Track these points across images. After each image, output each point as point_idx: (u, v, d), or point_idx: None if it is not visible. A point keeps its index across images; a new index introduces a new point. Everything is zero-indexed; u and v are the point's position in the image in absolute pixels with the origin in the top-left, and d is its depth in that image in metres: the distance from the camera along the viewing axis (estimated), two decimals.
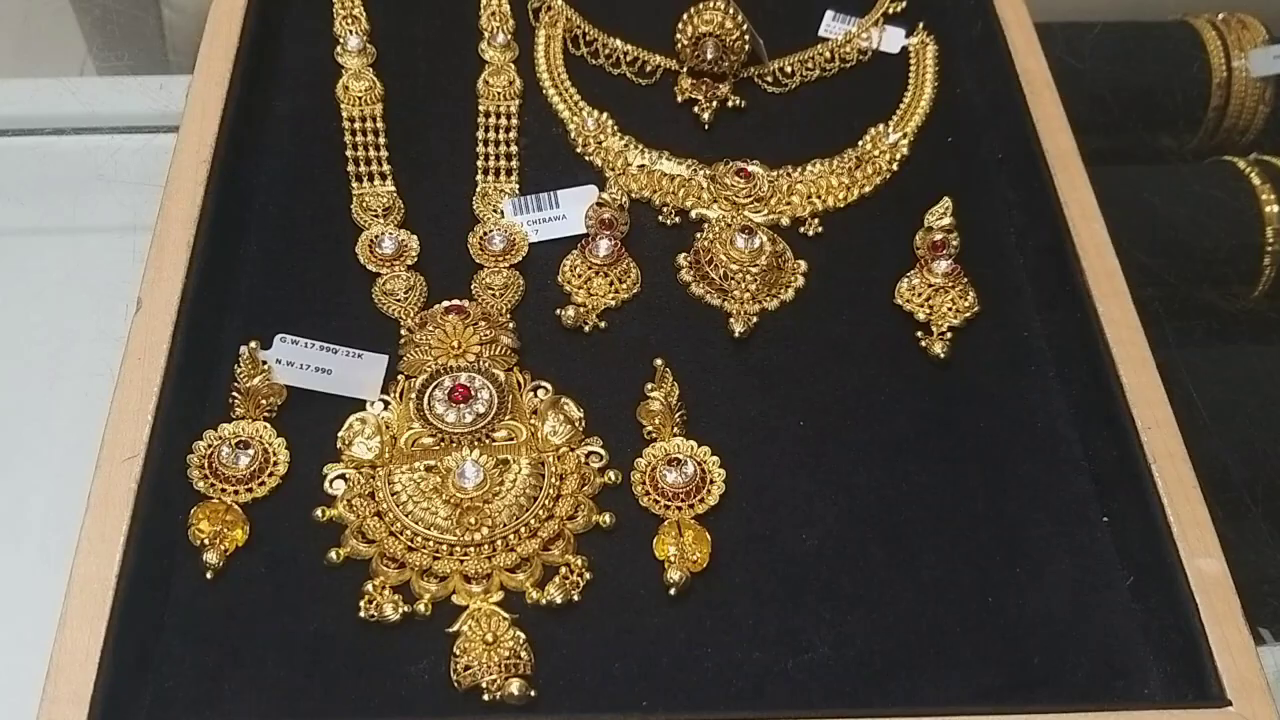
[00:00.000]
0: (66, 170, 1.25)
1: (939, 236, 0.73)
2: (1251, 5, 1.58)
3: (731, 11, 0.80)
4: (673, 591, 0.59)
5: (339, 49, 0.82)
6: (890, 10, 0.89)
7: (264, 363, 0.64)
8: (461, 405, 0.63)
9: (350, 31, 0.83)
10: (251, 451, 0.62)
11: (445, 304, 0.69)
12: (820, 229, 0.76)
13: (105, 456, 0.58)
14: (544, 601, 0.58)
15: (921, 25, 0.87)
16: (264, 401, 0.64)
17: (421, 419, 0.64)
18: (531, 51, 0.85)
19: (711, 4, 0.80)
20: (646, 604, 0.59)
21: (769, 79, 0.84)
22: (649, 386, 0.65)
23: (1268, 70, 1.19)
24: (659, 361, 0.65)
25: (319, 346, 0.65)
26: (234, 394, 0.64)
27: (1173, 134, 1.22)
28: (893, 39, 0.87)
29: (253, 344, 0.63)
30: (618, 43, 0.85)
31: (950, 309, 0.71)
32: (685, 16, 0.81)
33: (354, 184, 0.75)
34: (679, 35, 0.82)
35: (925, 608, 0.61)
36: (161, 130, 1.30)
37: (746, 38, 0.81)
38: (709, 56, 0.81)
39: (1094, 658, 0.60)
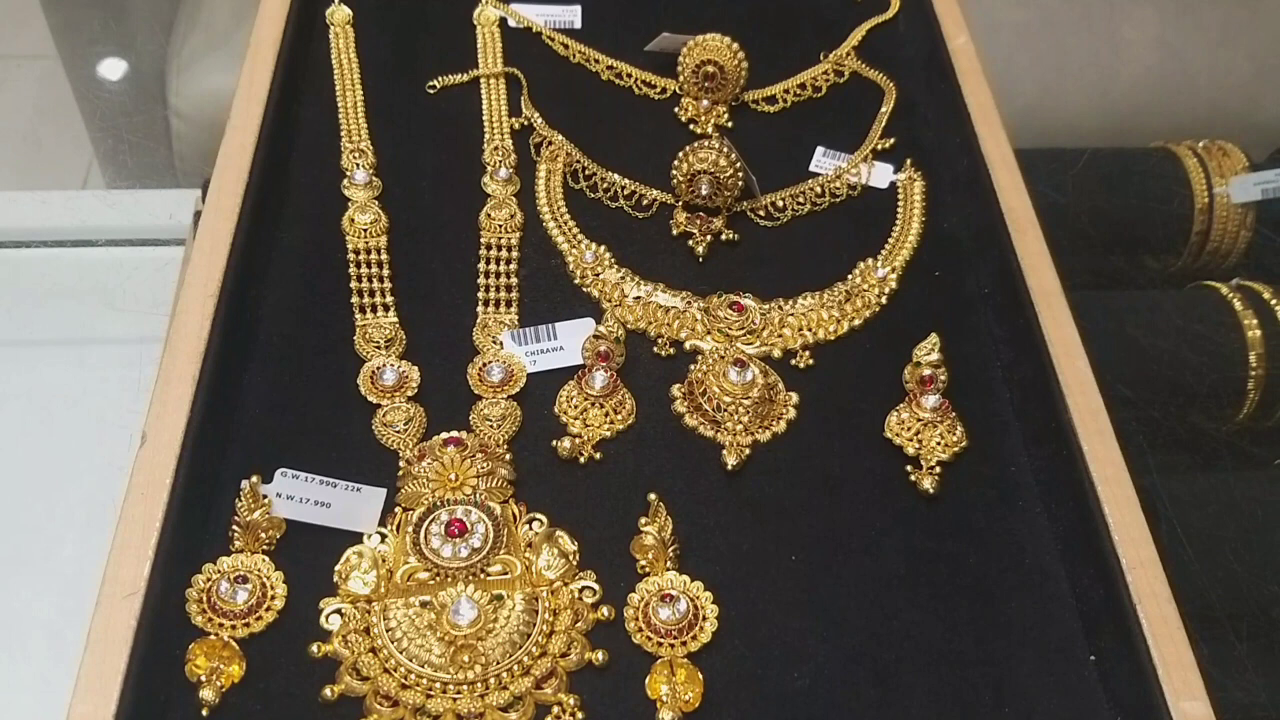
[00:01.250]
0: (72, 283, 1.28)
1: (927, 371, 0.74)
2: (1227, 134, 1.64)
3: (726, 150, 0.83)
4: None
5: (346, 182, 0.85)
6: (879, 147, 0.92)
7: (265, 497, 0.65)
8: (457, 540, 0.64)
9: (358, 165, 0.86)
10: (249, 586, 0.62)
11: (443, 436, 0.70)
12: (811, 361, 0.78)
13: (106, 594, 0.59)
14: None
15: (909, 161, 0.91)
16: (263, 535, 0.65)
17: (417, 553, 0.65)
18: (533, 184, 0.87)
19: (707, 143, 0.83)
20: None
21: (761, 213, 0.87)
22: (643, 521, 0.66)
23: (1248, 198, 1.22)
24: (653, 496, 0.67)
25: (319, 481, 0.67)
26: (234, 527, 0.65)
27: (1157, 257, 1.26)
28: (881, 174, 0.90)
29: (254, 479, 0.65)
30: (615, 177, 0.88)
31: (939, 443, 0.73)
32: (681, 154, 0.84)
33: (358, 315, 0.77)
34: (675, 171, 0.84)
35: None
36: (168, 244, 1.33)
37: (740, 175, 0.84)
38: (704, 193, 0.84)
39: None
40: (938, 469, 0.72)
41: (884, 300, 0.82)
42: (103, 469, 0.95)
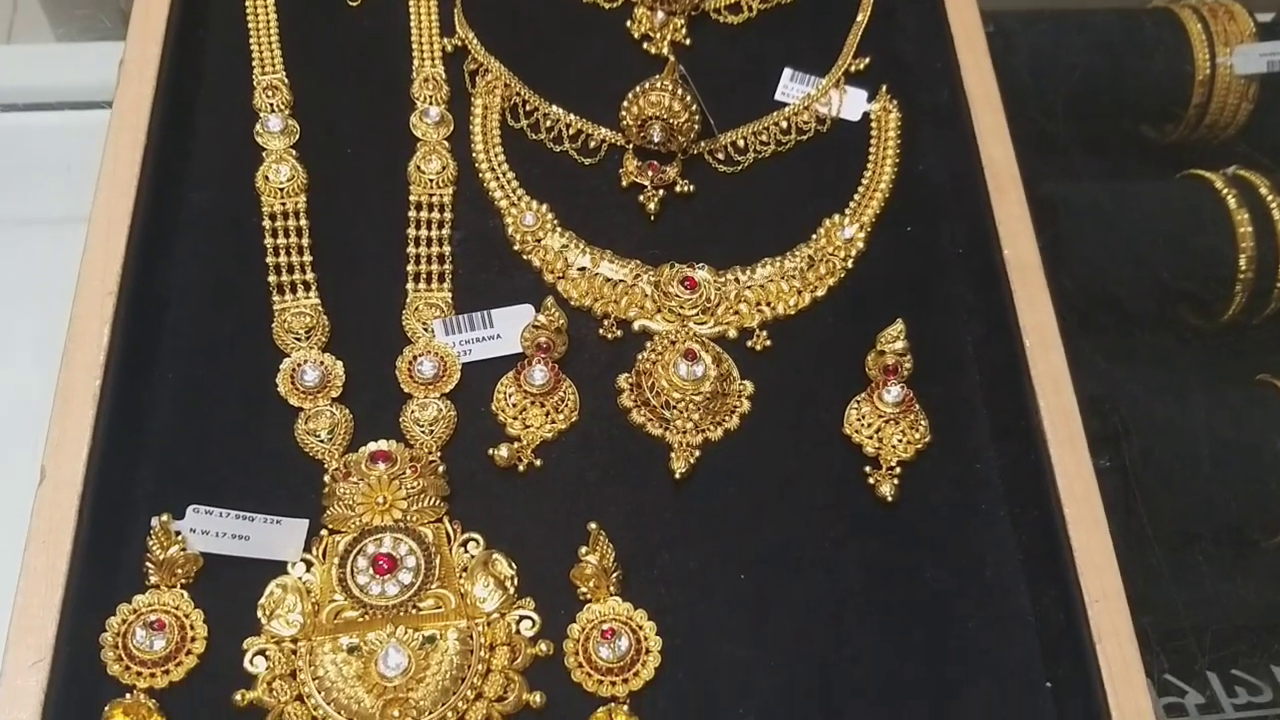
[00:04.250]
0: None
1: (891, 360, 0.69)
2: None
3: (679, 93, 0.74)
4: None
5: (259, 128, 0.76)
6: (852, 68, 0.83)
7: (177, 533, 0.61)
8: (385, 577, 0.61)
9: (271, 106, 0.77)
10: (167, 633, 0.59)
11: (371, 448, 0.66)
12: (769, 343, 0.72)
13: (10, 661, 0.56)
14: None
15: (884, 88, 0.82)
16: (180, 570, 0.61)
17: (344, 589, 0.61)
18: (468, 122, 0.79)
19: (658, 85, 0.75)
20: None
21: (720, 155, 0.79)
22: (583, 550, 0.63)
23: (1253, 69, 1.14)
24: (593, 525, 0.63)
25: (234, 515, 0.62)
26: (148, 564, 0.61)
27: (1155, 125, 1.18)
28: (854, 103, 0.82)
29: (164, 517, 0.60)
30: (560, 113, 0.79)
31: (901, 440, 0.68)
32: (630, 97, 0.75)
33: (275, 296, 0.71)
34: (624, 114, 0.76)
35: None
36: (89, 106, 1.23)
37: (695, 118, 0.75)
38: (656, 139, 0.76)
39: None
40: (898, 469, 0.68)
41: (849, 264, 0.75)
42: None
